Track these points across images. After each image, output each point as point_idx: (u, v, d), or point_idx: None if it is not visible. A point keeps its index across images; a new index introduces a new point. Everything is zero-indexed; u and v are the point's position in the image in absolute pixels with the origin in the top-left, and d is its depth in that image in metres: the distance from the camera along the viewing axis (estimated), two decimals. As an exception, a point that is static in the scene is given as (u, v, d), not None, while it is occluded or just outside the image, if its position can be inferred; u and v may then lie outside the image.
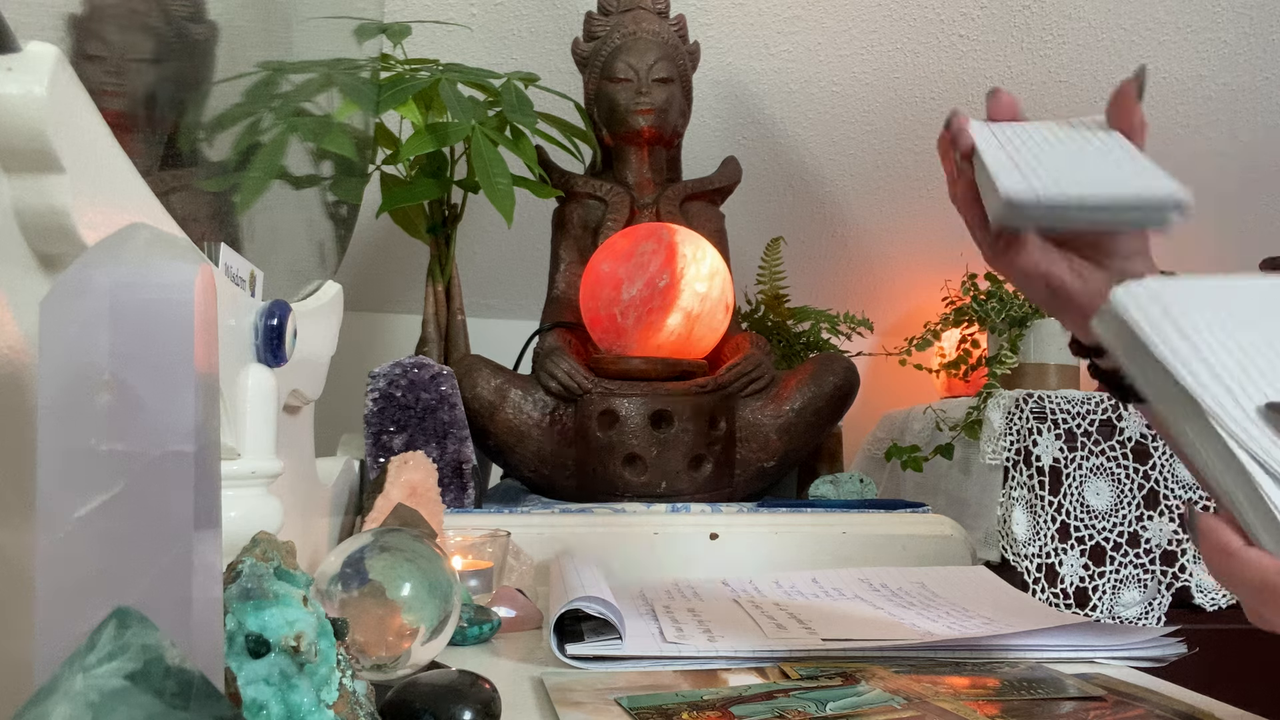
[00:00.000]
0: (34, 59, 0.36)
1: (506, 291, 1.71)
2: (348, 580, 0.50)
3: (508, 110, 1.13)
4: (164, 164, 0.59)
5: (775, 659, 0.59)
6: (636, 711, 0.48)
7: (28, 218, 0.38)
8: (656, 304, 1.08)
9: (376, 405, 0.97)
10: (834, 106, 1.57)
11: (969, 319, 1.29)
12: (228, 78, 0.69)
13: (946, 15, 1.48)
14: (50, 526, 0.27)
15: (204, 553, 0.29)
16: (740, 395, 1.10)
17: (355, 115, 0.96)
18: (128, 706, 0.22)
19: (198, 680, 0.24)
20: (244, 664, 0.32)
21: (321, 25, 0.90)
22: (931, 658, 0.60)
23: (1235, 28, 1.55)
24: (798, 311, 1.46)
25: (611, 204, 1.22)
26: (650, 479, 1.05)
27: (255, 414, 0.55)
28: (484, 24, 1.41)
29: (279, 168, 0.77)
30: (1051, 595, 1.09)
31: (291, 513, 0.64)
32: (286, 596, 0.34)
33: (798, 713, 0.48)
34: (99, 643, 0.23)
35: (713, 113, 1.55)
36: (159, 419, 0.28)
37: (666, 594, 0.78)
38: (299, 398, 0.74)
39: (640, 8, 1.23)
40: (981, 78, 1.57)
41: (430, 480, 0.82)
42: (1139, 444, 1.14)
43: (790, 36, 1.48)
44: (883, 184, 1.69)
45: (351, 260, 1.05)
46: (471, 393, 1.06)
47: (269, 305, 0.58)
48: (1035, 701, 0.50)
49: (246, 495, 0.55)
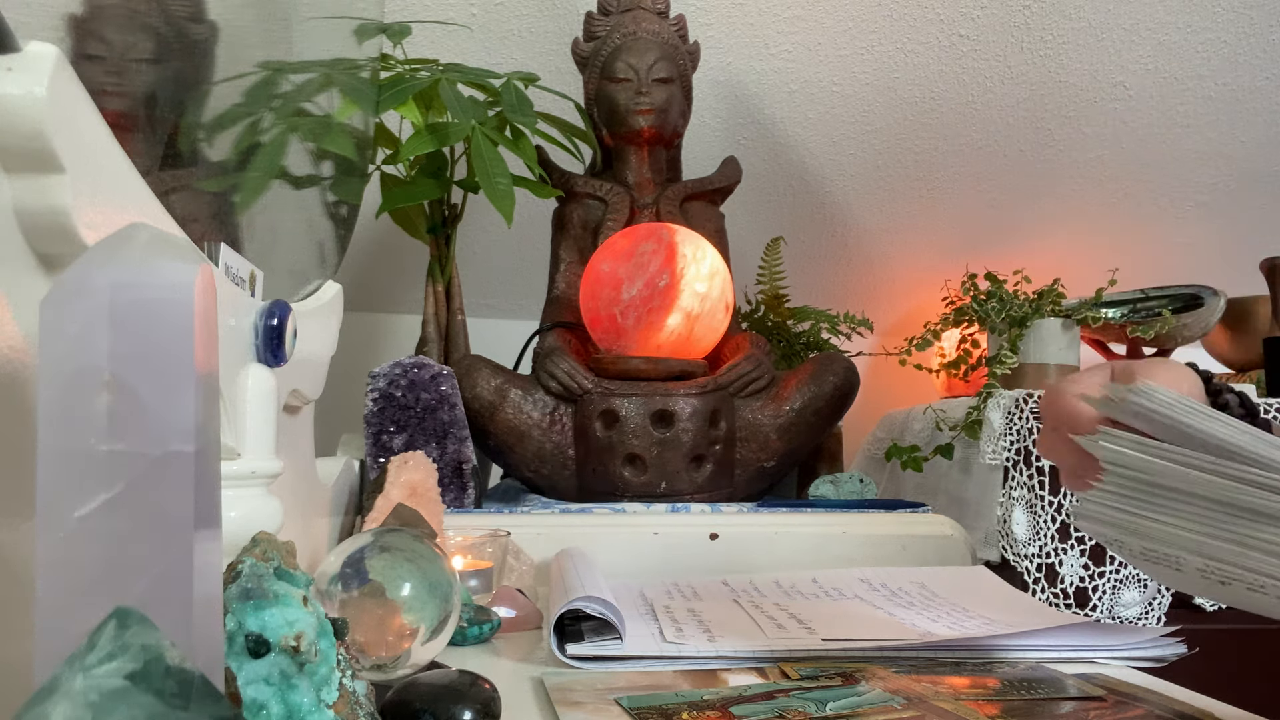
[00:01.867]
0: (34, 59, 0.36)
1: (506, 291, 1.71)
2: (348, 580, 0.50)
3: (508, 110, 1.13)
4: (164, 164, 0.59)
5: (775, 659, 0.59)
6: (636, 711, 0.48)
7: (28, 218, 0.38)
8: (656, 304, 1.08)
9: (376, 405, 0.97)
10: (834, 106, 1.57)
11: (969, 319, 1.29)
12: (228, 78, 0.69)
13: (946, 15, 1.48)
14: (50, 526, 0.27)
15: (204, 553, 0.29)
16: (740, 395, 1.10)
17: (355, 115, 0.96)
18: (128, 706, 0.22)
19: (198, 680, 0.24)
20: (244, 664, 0.32)
21: (321, 25, 0.90)
22: (931, 658, 0.60)
23: (1235, 28, 1.55)
24: (798, 311, 1.46)
25: (611, 204, 1.22)
26: (650, 479, 1.05)
27: (255, 414, 0.55)
28: (484, 24, 1.41)
29: (279, 168, 0.77)
30: (1051, 595, 1.09)
31: (291, 513, 0.64)
32: (286, 596, 0.34)
33: (798, 713, 0.48)
34: (99, 643, 0.23)
35: (713, 113, 1.55)
36: (159, 419, 0.28)
37: (666, 594, 0.78)
38: (299, 398, 0.74)
39: (640, 8, 1.23)
40: (981, 78, 1.57)
41: (430, 480, 0.82)
42: (1139, 444, 1.14)
43: (790, 36, 1.48)
44: (883, 184, 1.69)
45: (351, 260, 1.05)
46: (471, 393, 1.06)
47: (269, 305, 0.58)
48: (1035, 701, 0.50)
49: (246, 495, 0.55)
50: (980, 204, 1.75)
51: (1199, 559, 0.40)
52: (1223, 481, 0.38)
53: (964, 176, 1.70)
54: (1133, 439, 0.41)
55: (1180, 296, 1.36)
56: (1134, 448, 0.41)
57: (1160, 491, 0.41)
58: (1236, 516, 0.39)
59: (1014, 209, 1.77)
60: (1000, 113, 1.62)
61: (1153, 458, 0.40)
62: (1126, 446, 0.42)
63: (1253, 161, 1.74)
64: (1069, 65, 1.57)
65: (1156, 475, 0.40)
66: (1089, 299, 1.29)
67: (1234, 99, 1.64)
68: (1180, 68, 1.59)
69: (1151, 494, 0.41)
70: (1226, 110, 1.66)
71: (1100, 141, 1.68)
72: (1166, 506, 0.41)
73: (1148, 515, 0.41)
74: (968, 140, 1.65)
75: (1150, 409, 0.41)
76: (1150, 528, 0.41)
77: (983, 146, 1.66)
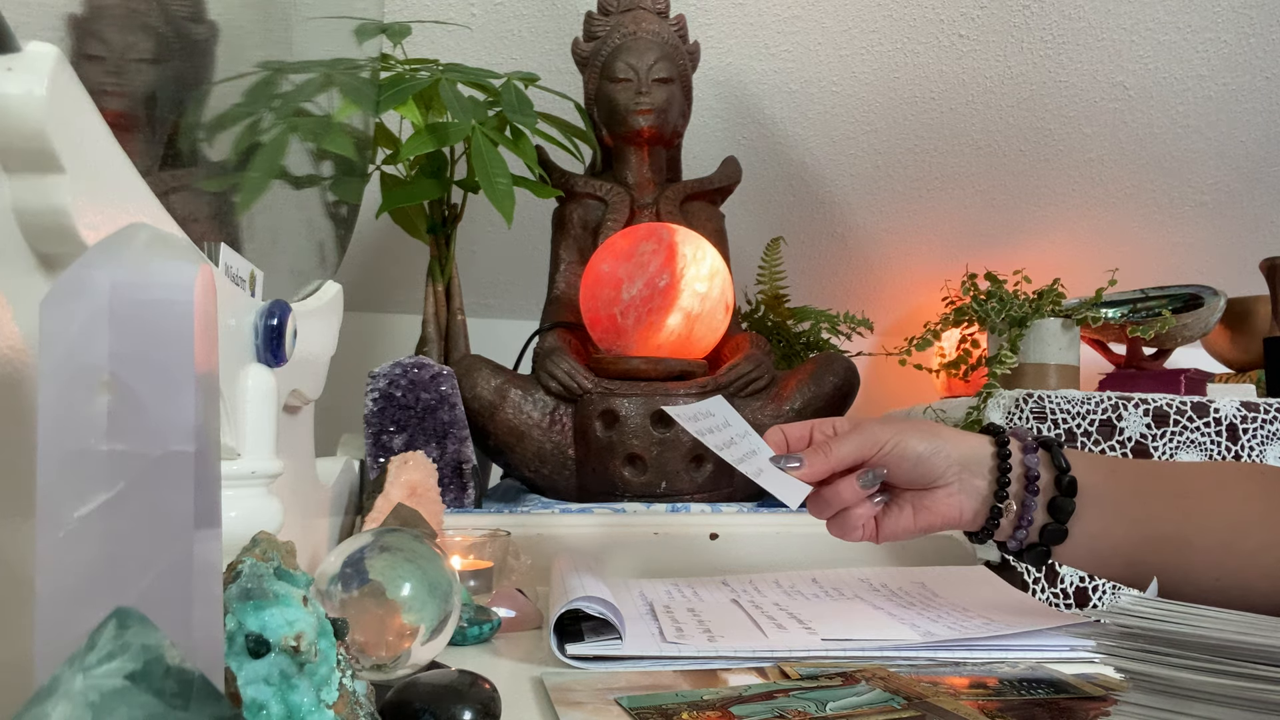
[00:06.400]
0: (34, 59, 0.36)
1: (506, 291, 1.71)
2: (348, 580, 0.50)
3: (508, 110, 1.13)
4: (164, 164, 0.59)
5: (775, 659, 0.59)
6: (636, 711, 0.48)
7: (28, 218, 0.38)
8: (656, 304, 1.08)
9: (376, 405, 0.97)
10: (834, 106, 1.57)
11: (969, 319, 1.29)
12: (228, 78, 0.69)
13: (946, 15, 1.48)
14: (50, 526, 0.27)
15: (204, 553, 0.29)
16: (740, 395, 1.10)
17: (355, 115, 0.96)
18: (128, 706, 0.22)
19: (198, 680, 0.24)
20: (244, 664, 0.32)
21: (321, 25, 0.90)
22: (931, 658, 0.60)
23: (1235, 28, 1.55)
24: (798, 311, 1.46)
25: (611, 204, 1.22)
26: (650, 479, 1.05)
27: (255, 414, 0.55)
28: (484, 24, 1.41)
29: (279, 168, 0.77)
30: (1051, 595, 1.09)
31: (291, 513, 0.64)
32: (286, 596, 0.34)
33: (798, 713, 0.48)
34: (99, 643, 0.23)
35: (713, 113, 1.55)
36: (159, 419, 0.28)
37: (666, 594, 0.78)
38: (299, 398, 0.74)
39: (640, 8, 1.23)
40: (981, 78, 1.57)
41: (430, 480, 0.82)
42: (1139, 443, 1.14)
43: (790, 36, 1.48)
44: (883, 184, 1.69)
45: (351, 260, 1.05)
46: (471, 393, 1.06)
47: (269, 305, 0.58)
48: (1035, 701, 0.50)
49: (246, 495, 0.55)
50: (980, 204, 1.75)
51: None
52: (1230, 683, 0.37)
53: (964, 176, 1.70)
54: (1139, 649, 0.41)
55: (1180, 296, 1.36)
56: (1141, 661, 0.41)
57: (1185, 693, 0.40)
58: (1264, 714, 0.38)
59: (1014, 209, 1.77)
60: (1000, 113, 1.62)
61: (1164, 669, 0.39)
62: (1136, 662, 0.41)
63: (1253, 161, 1.74)
64: (1069, 65, 1.57)
65: (1172, 683, 0.40)
66: (1089, 299, 1.30)
67: (1234, 99, 1.64)
68: (1180, 68, 1.59)
69: (1176, 699, 0.40)
70: (1226, 110, 1.66)
71: (1100, 141, 1.68)
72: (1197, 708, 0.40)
73: (1183, 712, 0.40)
74: (968, 140, 1.65)
75: (1134, 626, 0.40)
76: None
77: (983, 146, 1.66)
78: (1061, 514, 0.63)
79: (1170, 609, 0.40)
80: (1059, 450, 0.64)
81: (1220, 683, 0.37)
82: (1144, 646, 0.40)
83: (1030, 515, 0.63)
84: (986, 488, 0.64)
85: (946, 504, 0.64)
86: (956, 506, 0.64)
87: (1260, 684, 0.36)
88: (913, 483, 0.64)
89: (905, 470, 0.64)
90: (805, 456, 0.63)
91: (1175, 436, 1.15)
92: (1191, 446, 1.15)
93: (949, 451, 0.64)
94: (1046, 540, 0.64)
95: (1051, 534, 0.63)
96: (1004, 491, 0.64)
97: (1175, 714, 0.39)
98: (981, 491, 0.64)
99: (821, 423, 0.67)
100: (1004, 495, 0.64)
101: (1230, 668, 0.37)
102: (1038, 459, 0.64)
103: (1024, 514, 0.63)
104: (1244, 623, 0.38)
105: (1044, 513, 0.64)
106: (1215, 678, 0.38)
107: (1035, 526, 0.64)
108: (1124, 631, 0.41)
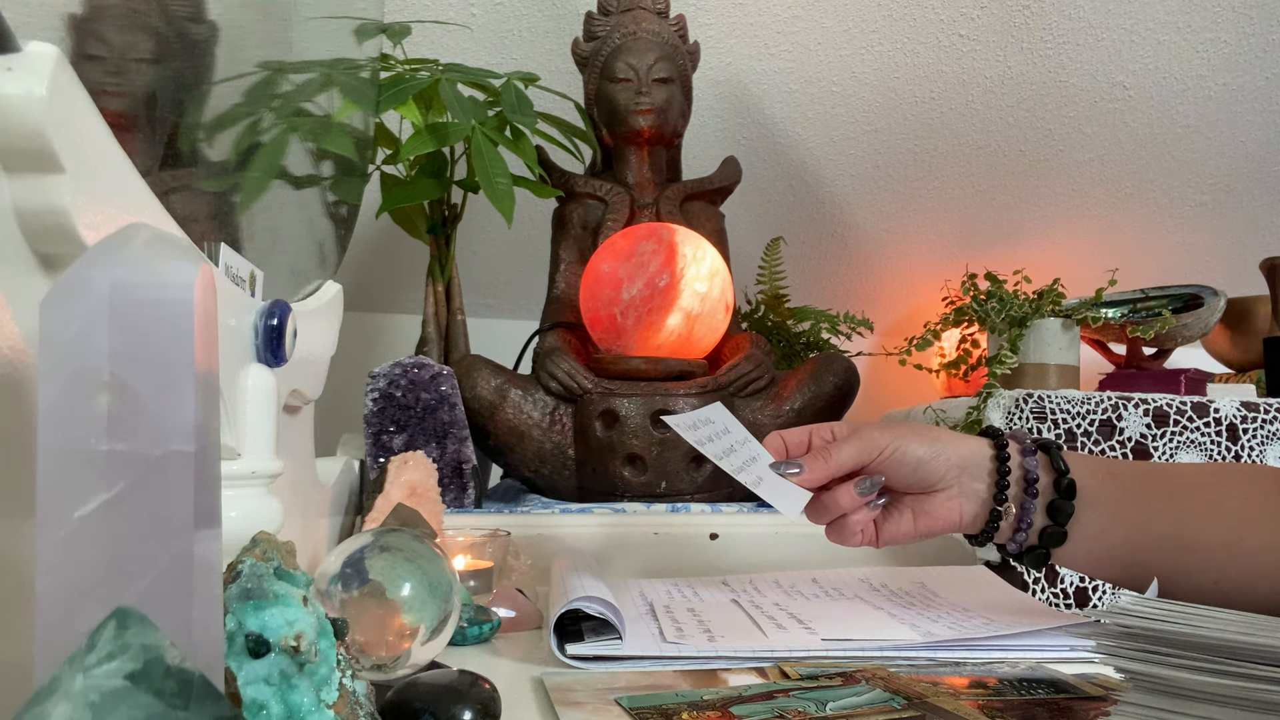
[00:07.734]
0: (34, 59, 0.36)
1: (506, 291, 1.71)
2: (348, 580, 0.50)
3: (508, 110, 1.13)
4: (164, 164, 0.59)
5: (775, 659, 0.59)
6: (636, 711, 0.48)
7: (28, 218, 0.38)
8: (656, 304, 1.08)
9: (376, 405, 0.97)
10: (834, 106, 1.57)
11: (969, 319, 1.29)
12: (228, 78, 0.69)
13: (946, 15, 1.48)
14: (50, 526, 0.27)
15: (204, 553, 0.29)
16: (740, 395, 1.10)
17: (355, 115, 0.96)
18: (128, 706, 0.22)
19: (198, 680, 0.24)
20: (244, 664, 0.32)
21: (321, 25, 0.89)
22: (931, 658, 0.60)
23: (1235, 28, 1.55)
24: (798, 311, 1.46)
25: (611, 204, 1.22)
26: (650, 479, 1.05)
27: (255, 414, 0.55)
28: (484, 24, 1.41)
29: (279, 168, 0.77)
30: (1051, 595, 1.09)
31: (291, 513, 0.64)
32: (286, 596, 0.34)
33: (798, 713, 0.48)
34: (99, 643, 0.23)
35: (713, 113, 1.55)
36: (159, 419, 0.28)
37: (666, 594, 0.78)
38: (299, 398, 0.74)
39: (640, 8, 1.23)
40: (981, 78, 1.57)
41: (430, 480, 0.82)
42: (1139, 444, 1.14)
43: (790, 36, 1.48)
44: (883, 184, 1.69)
45: (351, 260, 1.05)
46: (471, 393, 1.06)
47: (269, 305, 0.58)
48: (1035, 702, 0.50)
49: (246, 495, 0.55)
50: (980, 204, 1.75)
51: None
52: (1230, 683, 0.37)
53: (964, 176, 1.71)
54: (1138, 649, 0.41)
55: (1180, 296, 1.37)
56: (1143, 662, 0.40)
57: (1185, 693, 0.40)
58: (1264, 714, 0.38)
59: (1014, 209, 1.77)
60: (1000, 113, 1.62)
61: (1164, 669, 0.39)
62: (1138, 664, 0.41)
63: (1253, 161, 1.74)
64: (1069, 65, 1.57)
65: (1172, 683, 0.39)
66: (1089, 299, 1.30)
67: (1234, 99, 1.64)
68: (1180, 68, 1.59)
69: (1176, 699, 0.40)
70: (1226, 110, 1.66)
71: (1100, 141, 1.68)
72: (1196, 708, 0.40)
73: (1183, 713, 0.40)
74: (968, 140, 1.65)
75: (1134, 626, 0.40)
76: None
77: (983, 146, 1.66)
78: (1060, 516, 0.63)
79: (1170, 609, 0.41)
80: (1058, 453, 0.64)
81: (1220, 683, 0.37)
82: (1144, 646, 0.40)
83: (1029, 518, 0.64)
84: (986, 491, 0.64)
85: (946, 508, 0.64)
86: (956, 510, 0.65)
87: (1260, 684, 0.37)
88: (912, 487, 0.64)
89: (905, 474, 0.64)
90: (805, 462, 0.63)
91: (1175, 437, 1.15)
92: (1191, 447, 1.15)
93: (948, 455, 0.64)
94: (1046, 542, 0.64)
95: (1051, 536, 0.63)
96: (1003, 494, 0.64)
97: (1175, 714, 0.39)
98: (981, 494, 0.65)
99: (820, 428, 0.67)
100: (1003, 498, 0.64)
101: (1230, 668, 0.37)
102: (1036, 461, 0.64)
103: (1023, 517, 0.64)
104: (1244, 623, 0.38)
105: (1043, 515, 0.64)
106: (1215, 678, 0.38)
107: (1034, 529, 0.64)
108: (1124, 631, 0.41)
